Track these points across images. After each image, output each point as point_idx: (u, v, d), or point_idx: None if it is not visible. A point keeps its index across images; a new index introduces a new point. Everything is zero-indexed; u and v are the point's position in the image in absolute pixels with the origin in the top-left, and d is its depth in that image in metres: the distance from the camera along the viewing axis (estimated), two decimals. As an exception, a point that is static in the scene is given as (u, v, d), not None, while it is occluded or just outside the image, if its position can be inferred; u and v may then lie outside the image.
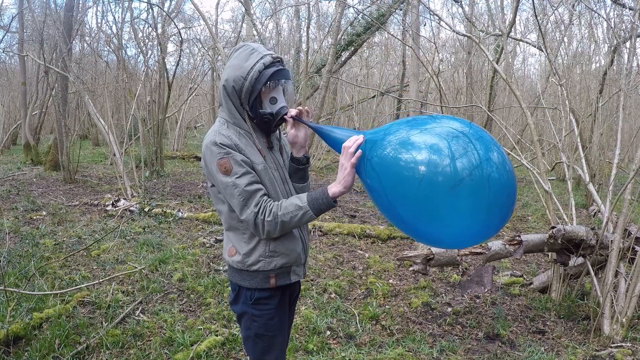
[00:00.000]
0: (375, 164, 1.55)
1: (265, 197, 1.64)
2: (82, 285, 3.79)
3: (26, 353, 2.88)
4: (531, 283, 4.21)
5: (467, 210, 1.44)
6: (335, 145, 1.68)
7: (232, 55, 1.72)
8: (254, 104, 1.68)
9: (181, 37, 10.92)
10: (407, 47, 10.94)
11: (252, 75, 1.63)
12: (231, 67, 1.68)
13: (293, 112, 1.71)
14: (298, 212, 1.60)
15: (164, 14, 11.73)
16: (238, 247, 1.73)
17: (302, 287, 4.04)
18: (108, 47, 15.03)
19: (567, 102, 4.70)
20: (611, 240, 3.43)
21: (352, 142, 1.59)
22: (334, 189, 1.61)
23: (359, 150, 1.57)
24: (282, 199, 1.71)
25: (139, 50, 12.54)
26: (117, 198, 7.09)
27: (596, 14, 8.43)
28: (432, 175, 1.42)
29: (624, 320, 3.23)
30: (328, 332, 3.34)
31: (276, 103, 1.69)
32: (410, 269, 3.76)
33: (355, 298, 3.99)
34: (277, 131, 1.84)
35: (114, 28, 13.72)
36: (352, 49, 11.26)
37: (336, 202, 1.64)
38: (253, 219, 1.61)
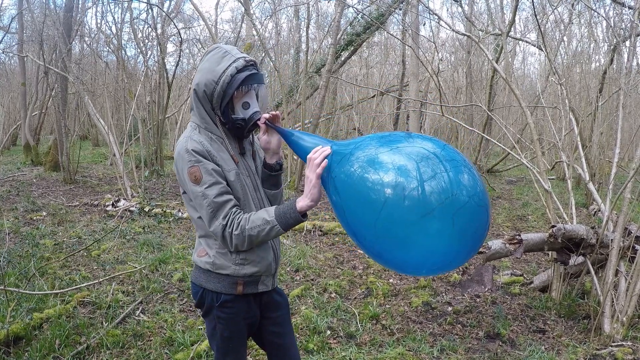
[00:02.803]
0: (339, 182, 1.46)
1: (234, 209, 1.59)
2: (82, 285, 3.79)
3: (26, 353, 2.88)
4: (531, 282, 4.20)
5: (434, 236, 1.35)
6: (303, 154, 1.60)
7: (204, 58, 1.66)
8: (226, 109, 1.62)
9: (181, 37, 10.92)
10: (406, 46, 10.95)
11: (223, 79, 1.58)
12: (203, 70, 1.62)
13: (266, 116, 1.65)
14: (265, 227, 1.56)
15: (164, 14, 11.73)
16: (208, 250, 1.68)
17: (302, 287, 4.06)
18: (108, 48, 15.05)
19: (566, 101, 4.71)
20: (611, 239, 3.42)
21: (318, 153, 1.53)
22: (301, 203, 1.54)
23: (325, 161, 1.51)
24: (253, 206, 1.67)
25: (139, 50, 12.56)
26: (117, 198, 7.09)
27: (596, 13, 8.43)
28: (397, 199, 1.34)
29: (624, 319, 3.23)
30: (328, 332, 3.33)
31: (249, 108, 1.63)
32: (411, 268, 3.75)
33: (355, 297, 3.99)
34: (250, 136, 1.78)
35: (113, 28, 13.73)
36: (352, 48, 11.24)
37: (305, 216, 1.57)
38: (221, 231, 1.57)
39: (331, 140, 1.60)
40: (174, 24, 11.54)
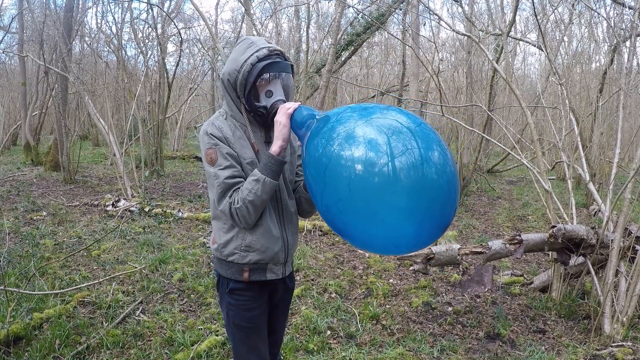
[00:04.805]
0: (311, 149, 1.49)
1: (238, 188, 1.67)
2: (82, 285, 3.79)
3: (26, 353, 2.88)
4: (531, 282, 4.20)
5: (401, 211, 1.33)
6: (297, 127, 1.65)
7: (233, 49, 1.75)
8: (249, 97, 1.69)
9: (181, 37, 10.92)
10: (407, 46, 10.95)
11: (244, 68, 1.65)
12: (230, 60, 1.71)
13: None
14: (257, 185, 1.62)
15: (164, 14, 11.73)
16: (217, 237, 1.77)
17: (302, 287, 4.06)
18: (108, 48, 15.05)
19: (567, 102, 4.70)
20: (611, 240, 3.42)
21: (290, 104, 1.64)
22: (274, 147, 1.64)
23: (295, 104, 1.63)
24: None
25: (139, 50, 12.56)
26: (117, 198, 7.09)
27: (596, 13, 8.43)
28: (366, 174, 1.33)
29: (624, 319, 3.23)
30: (328, 332, 3.33)
31: (272, 96, 1.69)
32: (411, 268, 3.75)
33: (355, 298, 3.99)
34: None
35: (113, 28, 13.73)
36: (352, 48, 11.24)
37: (284, 157, 1.68)
38: (228, 209, 1.65)
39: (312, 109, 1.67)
40: (174, 24, 11.55)
